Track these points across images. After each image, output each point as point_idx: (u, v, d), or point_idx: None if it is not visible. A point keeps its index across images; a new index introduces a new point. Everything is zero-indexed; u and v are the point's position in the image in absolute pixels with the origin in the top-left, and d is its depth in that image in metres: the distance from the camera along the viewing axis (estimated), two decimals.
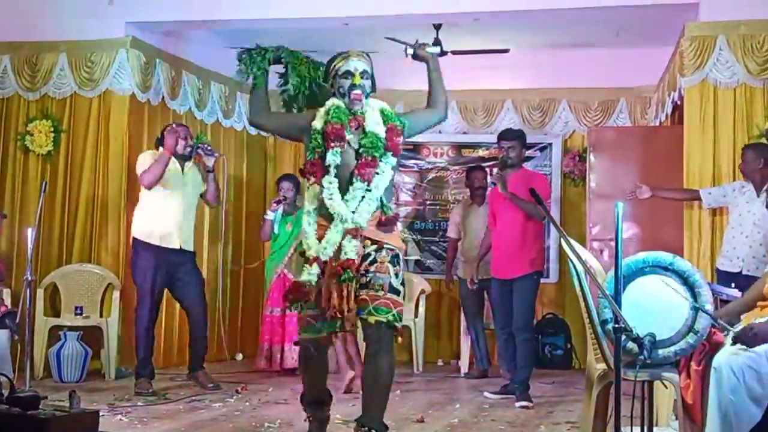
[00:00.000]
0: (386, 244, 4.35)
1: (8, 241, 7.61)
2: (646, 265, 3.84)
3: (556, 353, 8.76)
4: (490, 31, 8.34)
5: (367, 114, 4.42)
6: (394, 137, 4.41)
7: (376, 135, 4.36)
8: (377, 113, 4.43)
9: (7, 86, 7.77)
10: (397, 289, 4.29)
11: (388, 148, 4.38)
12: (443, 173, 9.52)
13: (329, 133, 4.33)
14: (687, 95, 6.82)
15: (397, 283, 4.30)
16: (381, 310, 4.21)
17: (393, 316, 4.22)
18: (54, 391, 6.26)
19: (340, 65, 4.48)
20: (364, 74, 4.45)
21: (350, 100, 4.41)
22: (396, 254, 4.36)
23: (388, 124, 4.42)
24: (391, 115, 4.49)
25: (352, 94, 4.40)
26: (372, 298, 4.23)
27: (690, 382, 3.79)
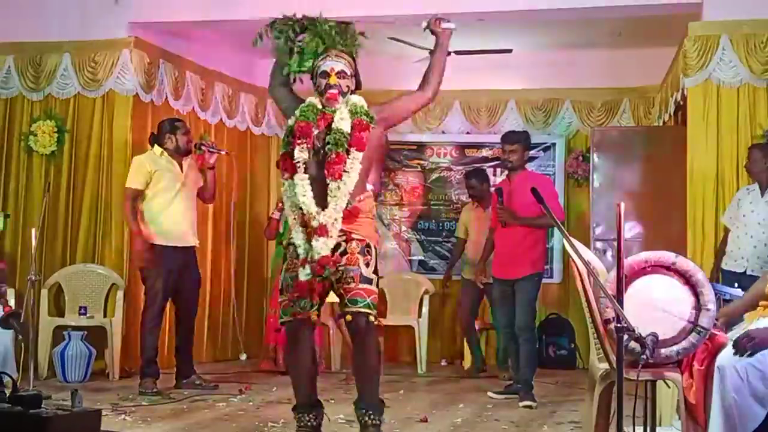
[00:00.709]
0: (354, 234, 4.47)
1: (12, 242, 7.62)
2: (649, 265, 3.83)
3: (559, 353, 8.76)
4: (494, 31, 8.33)
5: (337, 111, 4.50)
6: (359, 132, 4.47)
7: (340, 131, 4.45)
8: (346, 109, 4.52)
9: (11, 86, 7.79)
10: (368, 278, 4.45)
11: (353, 144, 4.45)
12: (447, 173, 9.52)
13: (296, 131, 4.48)
14: (690, 95, 6.81)
15: (368, 272, 4.45)
16: (355, 301, 4.39)
17: (366, 305, 4.39)
18: (58, 390, 6.27)
19: (319, 64, 4.61)
20: (341, 74, 4.56)
21: (326, 99, 4.52)
22: (366, 244, 4.49)
23: (354, 119, 4.49)
24: (361, 109, 4.54)
25: (327, 93, 4.51)
26: (346, 290, 4.41)
27: (693, 381, 3.78)
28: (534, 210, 6.28)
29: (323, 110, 4.51)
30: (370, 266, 4.47)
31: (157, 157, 6.64)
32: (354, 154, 4.44)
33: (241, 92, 9.11)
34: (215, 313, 8.62)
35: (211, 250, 8.53)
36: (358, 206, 4.47)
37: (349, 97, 4.59)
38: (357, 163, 4.44)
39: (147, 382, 6.43)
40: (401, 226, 9.53)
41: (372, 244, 4.53)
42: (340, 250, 4.44)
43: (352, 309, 4.39)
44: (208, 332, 8.53)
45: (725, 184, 6.63)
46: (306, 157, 4.43)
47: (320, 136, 4.48)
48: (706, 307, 3.74)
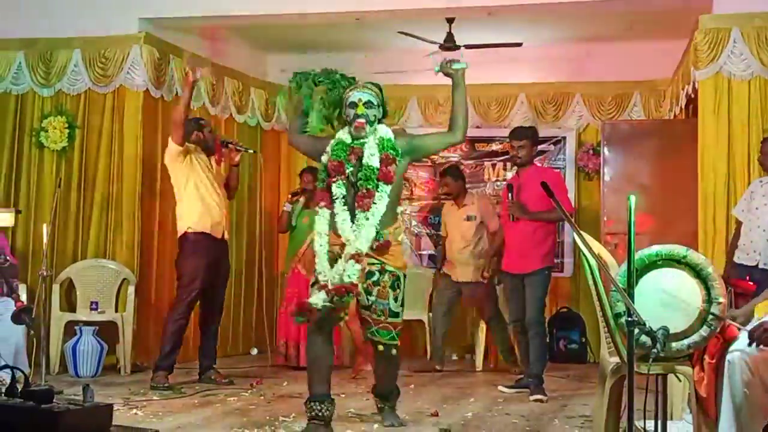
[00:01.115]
0: (387, 266, 4.92)
1: (24, 237, 7.65)
2: (659, 258, 3.82)
3: (570, 347, 8.76)
4: (504, 24, 8.32)
5: (366, 144, 4.94)
6: (386, 166, 4.91)
7: (370, 167, 4.89)
8: (375, 144, 4.94)
9: (22, 82, 7.80)
10: (396, 312, 4.96)
11: (381, 178, 4.89)
12: None
13: (331, 170, 4.95)
14: (701, 88, 6.79)
15: (396, 306, 4.95)
16: (383, 333, 4.94)
17: (392, 337, 4.96)
18: (70, 385, 6.30)
19: (348, 96, 5.01)
20: (368, 104, 4.96)
21: (354, 128, 4.94)
22: (397, 277, 4.96)
23: (382, 154, 4.93)
24: (389, 143, 4.97)
25: (355, 123, 4.94)
26: (375, 321, 4.92)
27: (704, 375, 3.78)
28: (543, 204, 6.33)
29: (352, 145, 4.95)
30: (398, 300, 4.96)
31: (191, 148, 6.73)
32: (382, 188, 4.88)
33: (252, 87, 9.11)
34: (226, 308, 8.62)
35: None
36: (389, 239, 4.91)
37: (377, 128, 5.00)
38: (385, 196, 4.88)
39: (159, 376, 6.45)
40: (411, 220, 9.52)
41: (401, 276, 4.99)
42: (374, 279, 4.89)
43: (380, 340, 4.94)
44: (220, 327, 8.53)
45: (737, 177, 6.61)
46: (344, 192, 4.90)
47: (353, 170, 4.91)
48: (717, 300, 3.73)
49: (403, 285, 5.00)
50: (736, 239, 6.21)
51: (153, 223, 7.67)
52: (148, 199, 7.62)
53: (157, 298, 7.72)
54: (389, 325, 4.93)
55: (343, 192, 4.90)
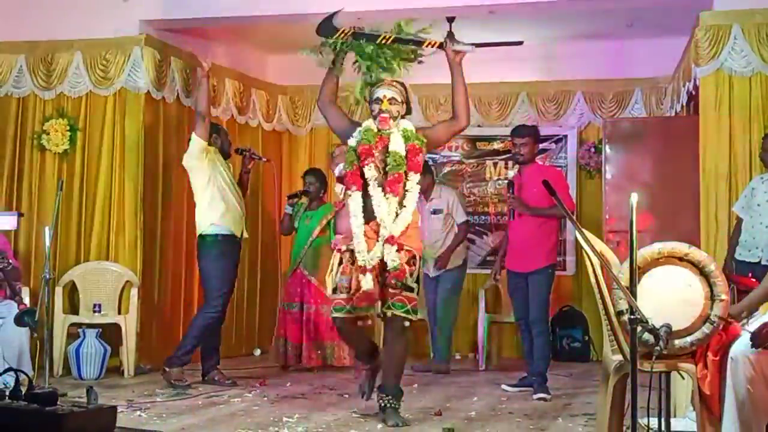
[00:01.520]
0: (405, 246, 5.16)
1: (26, 240, 7.65)
2: (662, 256, 3.82)
3: (573, 345, 8.76)
4: (504, 23, 8.32)
5: (392, 135, 5.25)
6: (415, 157, 5.23)
7: (398, 154, 5.20)
8: (400, 135, 5.25)
9: (23, 86, 7.81)
10: (411, 287, 5.15)
11: (410, 168, 5.21)
12: (458, 166, 9.51)
13: (361, 153, 5.23)
14: (702, 85, 6.78)
15: (411, 281, 5.15)
16: (397, 306, 5.13)
17: (407, 311, 5.14)
18: (73, 388, 6.31)
19: (375, 92, 5.34)
20: (392, 100, 5.28)
21: (379, 122, 5.26)
22: (413, 255, 5.18)
23: (408, 145, 5.24)
24: (413, 135, 5.28)
25: (379, 117, 5.26)
26: (391, 295, 5.13)
27: (707, 372, 3.78)
28: (545, 202, 6.36)
29: (379, 133, 5.26)
30: (413, 276, 5.17)
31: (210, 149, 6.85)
32: (412, 176, 5.21)
33: (252, 88, 9.12)
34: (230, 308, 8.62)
35: None
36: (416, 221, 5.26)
37: (399, 122, 5.31)
38: (416, 184, 5.22)
39: (178, 371, 6.53)
40: None
41: (417, 255, 5.22)
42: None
43: (394, 311, 5.13)
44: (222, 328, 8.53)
45: (738, 173, 6.60)
46: (376, 174, 5.19)
47: (379, 156, 5.22)
48: (719, 297, 3.73)
49: (418, 264, 5.22)
50: (736, 236, 6.20)
51: (155, 225, 7.67)
52: (151, 201, 7.62)
53: (160, 299, 7.72)
54: (404, 299, 5.12)
55: (376, 174, 5.17)
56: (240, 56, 9.03)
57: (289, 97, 9.65)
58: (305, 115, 9.69)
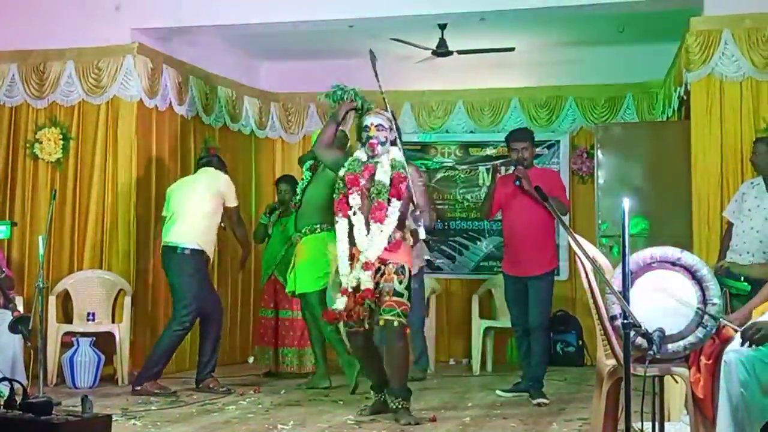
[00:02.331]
0: (391, 259, 5.45)
1: (19, 249, 7.65)
2: (654, 261, 3.83)
3: (567, 350, 8.77)
4: (496, 30, 8.35)
5: (379, 164, 5.54)
6: (399, 184, 5.49)
7: (381, 183, 5.48)
8: (387, 163, 5.53)
9: (15, 95, 7.81)
10: (400, 293, 5.43)
11: (393, 195, 5.48)
12: (451, 173, 9.53)
13: (348, 181, 5.55)
14: (693, 90, 6.82)
15: (400, 287, 5.43)
16: (387, 311, 5.40)
17: (396, 313, 5.39)
18: (68, 397, 6.30)
19: (363, 120, 5.68)
20: (379, 127, 5.58)
21: (368, 147, 5.58)
22: (401, 266, 5.47)
23: (393, 173, 5.51)
24: (399, 164, 5.54)
25: (368, 144, 5.58)
26: (381, 302, 5.41)
27: (700, 376, 3.79)
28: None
29: (366, 162, 5.57)
30: (402, 283, 5.44)
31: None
32: (394, 203, 5.47)
33: (245, 96, 9.13)
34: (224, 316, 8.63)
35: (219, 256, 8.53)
36: (399, 240, 5.50)
37: (390, 149, 5.60)
38: (396, 210, 5.47)
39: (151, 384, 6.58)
40: None
41: (406, 266, 5.50)
42: (380, 272, 5.44)
43: (385, 317, 5.38)
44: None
45: (729, 178, 6.63)
46: (360, 202, 5.49)
47: (366, 185, 5.51)
48: (711, 301, 3.74)
49: (407, 274, 5.49)
50: (726, 240, 6.22)
51: (148, 233, 7.67)
52: (144, 209, 7.62)
53: (154, 308, 7.73)
54: (393, 303, 5.38)
55: (359, 203, 5.49)
56: (232, 64, 9.04)
57: (282, 104, 9.66)
58: (298, 122, 9.70)
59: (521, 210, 6.51)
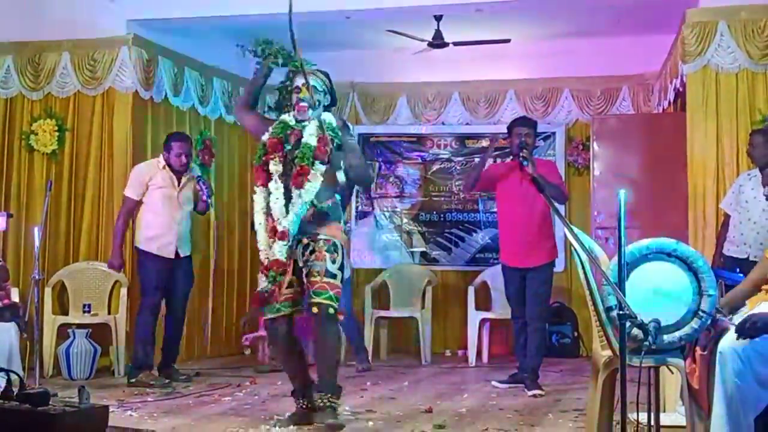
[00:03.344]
0: (321, 234, 4.89)
1: (15, 241, 7.64)
2: (650, 252, 3.84)
3: (563, 342, 8.79)
4: (492, 21, 8.34)
5: (307, 127, 4.91)
6: (324, 146, 4.86)
7: (307, 145, 4.86)
8: (315, 127, 4.90)
9: (11, 86, 7.80)
10: (333, 273, 4.85)
11: (316, 156, 4.84)
12: (447, 164, 9.53)
13: (269, 146, 4.94)
14: (689, 82, 6.82)
15: (333, 268, 4.86)
16: (319, 293, 4.81)
17: (329, 297, 4.81)
18: (64, 388, 6.29)
19: (294, 80, 5.03)
20: (311, 88, 4.93)
21: (296, 111, 4.95)
22: (333, 243, 4.91)
23: (320, 135, 4.87)
24: (329, 126, 4.92)
25: (297, 107, 4.95)
26: (311, 283, 4.83)
27: (696, 367, 3.80)
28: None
29: (293, 126, 4.95)
30: (336, 263, 4.87)
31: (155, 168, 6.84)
32: (317, 166, 4.83)
33: (241, 87, 9.09)
34: (219, 309, 8.64)
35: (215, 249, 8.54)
36: (325, 210, 4.91)
37: (321, 113, 4.97)
38: (319, 175, 4.84)
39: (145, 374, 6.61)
40: (402, 218, 9.54)
41: (339, 243, 4.94)
42: (309, 249, 4.88)
43: (316, 300, 4.79)
44: (212, 328, 8.55)
45: (725, 170, 6.64)
46: (279, 169, 4.87)
47: (291, 151, 4.90)
48: (707, 292, 3.75)
49: (341, 252, 4.93)
50: (724, 231, 6.23)
51: None
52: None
53: None
54: (326, 285, 4.80)
55: (279, 169, 4.88)
56: (228, 55, 8.99)
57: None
58: None
59: (521, 199, 6.46)
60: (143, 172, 6.84)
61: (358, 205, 9.55)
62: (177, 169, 6.79)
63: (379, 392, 6.44)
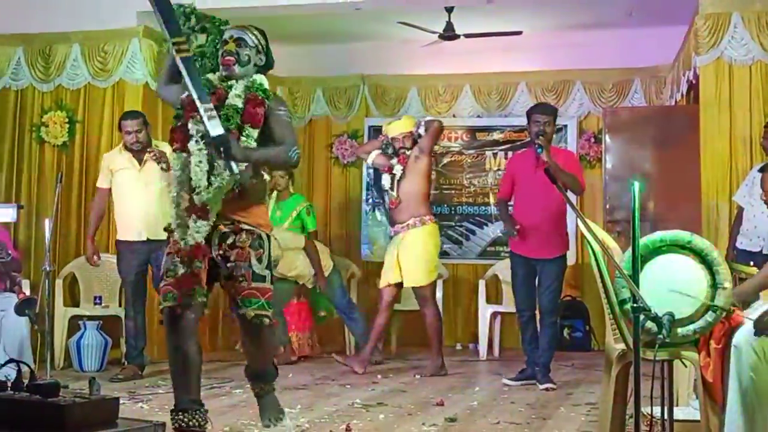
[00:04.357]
0: (243, 224, 4.22)
1: (26, 232, 7.67)
2: (664, 244, 3.81)
3: (575, 335, 8.76)
4: (503, 13, 8.31)
5: (234, 86, 4.27)
6: (253, 107, 4.21)
7: (232, 106, 4.20)
8: (243, 86, 4.26)
9: (21, 78, 7.81)
10: (261, 276, 4.22)
11: (246, 119, 4.19)
12: (458, 157, 9.50)
13: (187, 104, 4.20)
14: (702, 74, 6.78)
15: (260, 268, 4.23)
16: (249, 302, 4.20)
17: (260, 305, 4.21)
18: (75, 380, 6.30)
19: (224, 35, 4.40)
20: (240, 42, 4.31)
21: (222, 66, 4.32)
22: (258, 236, 4.24)
23: (248, 94, 4.23)
24: (259, 86, 4.28)
25: (222, 60, 4.30)
26: (238, 290, 4.19)
27: (710, 360, 3.77)
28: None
29: (217, 85, 4.30)
30: (262, 261, 4.24)
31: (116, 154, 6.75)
32: (248, 131, 4.18)
33: None
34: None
35: None
36: (247, 189, 4.21)
37: (251, 73, 4.34)
38: (251, 141, 4.18)
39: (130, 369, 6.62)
40: None
41: (264, 234, 4.27)
42: (229, 242, 4.20)
43: (246, 311, 4.20)
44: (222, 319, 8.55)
45: (738, 162, 6.60)
46: (202, 130, 4.09)
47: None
48: (722, 285, 3.72)
49: (267, 245, 4.27)
50: (737, 225, 6.19)
51: None
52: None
53: None
54: (255, 292, 4.18)
55: (202, 130, 4.09)
56: None
57: (288, 87, 9.62)
58: (304, 106, 9.66)
59: (537, 189, 6.29)
60: (106, 159, 6.79)
61: (369, 197, 9.53)
62: (131, 147, 6.58)
63: (390, 385, 6.42)
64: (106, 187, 6.71)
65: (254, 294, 4.18)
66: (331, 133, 9.61)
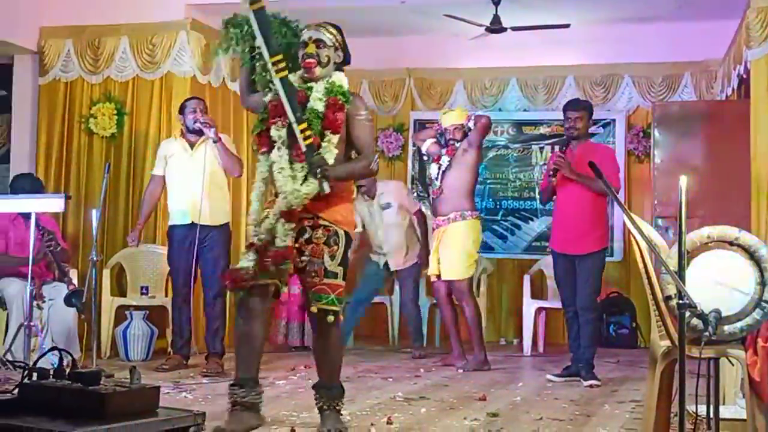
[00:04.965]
0: (322, 220, 4.28)
1: (74, 223, 7.75)
2: (711, 240, 3.75)
3: (621, 332, 8.68)
4: (550, 6, 8.24)
5: (314, 88, 4.30)
6: (333, 113, 4.25)
7: (313, 110, 4.24)
8: (323, 87, 4.30)
9: (71, 70, 7.90)
10: (333, 272, 4.26)
11: (326, 125, 4.23)
12: (504, 151, 9.44)
13: (270, 109, 4.31)
14: (753, 68, 6.64)
15: (333, 265, 4.26)
16: (319, 297, 4.25)
17: (331, 301, 4.24)
18: (120, 369, 6.34)
19: (302, 36, 4.40)
20: (319, 43, 4.33)
21: (303, 69, 4.34)
22: (334, 232, 4.29)
23: (329, 99, 4.27)
24: (338, 89, 4.30)
25: (304, 63, 4.33)
26: (310, 285, 4.27)
27: (757, 358, 3.70)
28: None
29: (298, 87, 4.32)
30: (335, 258, 4.26)
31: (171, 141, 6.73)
32: (329, 137, 4.23)
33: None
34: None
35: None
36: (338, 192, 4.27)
37: (331, 73, 4.37)
38: (332, 147, 4.23)
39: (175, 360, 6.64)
40: None
41: (341, 232, 4.30)
42: (305, 237, 4.26)
43: (317, 306, 4.24)
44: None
45: None
46: (283, 136, 4.24)
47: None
48: None
49: (342, 242, 4.29)
50: None
51: None
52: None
53: None
54: (326, 287, 4.23)
55: (283, 136, 4.23)
56: None
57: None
58: None
59: (573, 186, 6.36)
60: (162, 147, 6.80)
61: (413, 191, 9.50)
62: (192, 128, 6.50)
63: (432, 379, 6.41)
64: (159, 174, 6.73)
65: (324, 290, 4.25)
66: (377, 126, 9.60)
